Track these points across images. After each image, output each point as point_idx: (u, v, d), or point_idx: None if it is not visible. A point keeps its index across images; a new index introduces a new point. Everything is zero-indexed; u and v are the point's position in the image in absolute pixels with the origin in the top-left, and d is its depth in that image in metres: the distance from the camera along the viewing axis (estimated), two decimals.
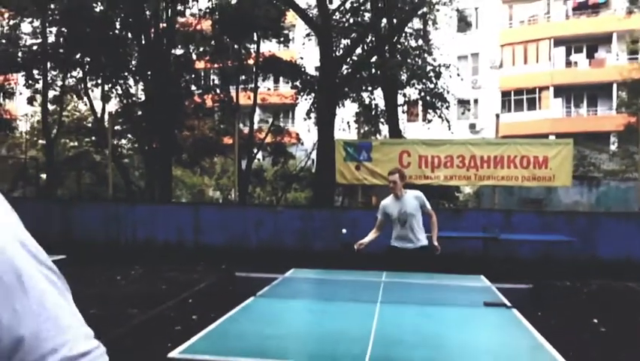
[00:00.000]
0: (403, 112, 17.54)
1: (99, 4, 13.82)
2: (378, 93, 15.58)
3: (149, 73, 13.97)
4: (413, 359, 2.28)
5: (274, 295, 3.65)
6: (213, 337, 2.57)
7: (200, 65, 15.80)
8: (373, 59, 14.21)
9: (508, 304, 3.27)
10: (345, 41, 14.83)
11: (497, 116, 11.49)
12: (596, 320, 6.00)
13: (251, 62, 15.54)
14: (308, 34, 16.81)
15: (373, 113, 15.92)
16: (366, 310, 3.17)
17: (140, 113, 15.25)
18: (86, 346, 1.00)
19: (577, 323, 5.96)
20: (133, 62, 14.80)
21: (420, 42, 16.17)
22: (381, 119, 16.07)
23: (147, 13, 13.66)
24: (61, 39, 14.26)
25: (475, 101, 30.62)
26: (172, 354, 2.22)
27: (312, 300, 3.77)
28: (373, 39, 14.30)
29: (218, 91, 15.52)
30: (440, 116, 15.42)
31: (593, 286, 8.28)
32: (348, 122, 15.67)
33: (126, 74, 14.72)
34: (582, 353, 4.38)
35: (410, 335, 2.77)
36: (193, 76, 15.31)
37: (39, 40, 15.12)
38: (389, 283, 4.12)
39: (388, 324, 2.89)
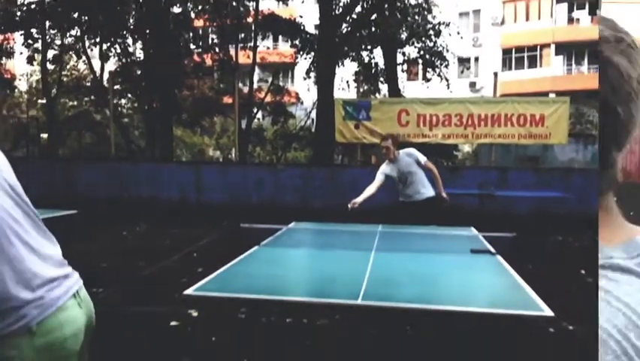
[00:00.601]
0: (403, 71, 17.50)
1: None
2: (378, 52, 15.54)
3: (147, 31, 13.89)
4: (402, 297, 2.53)
5: (277, 245, 3.90)
6: (223, 278, 2.84)
7: (198, 23, 15.67)
8: (373, 17, 14.11)
9: (493, 251, 3.51)
10: None
11: (495, 74, 11.54)
12: (583, 271, 6.26)
13: (250, 20, 15.42)
14: None
15: (373, 72, 15.91)
16: (362, 256, 3.42)
17: (139, 72, 15.23)
18: (66, 270, 1.31)
19: (564, 273, 6.22)
20: (131, 21, 14.69)
21: None
22: (381, 79, 16.08)
23: None
24: None
25: (476, 59, 30.39)
26: (187, 292, 2.47)
27: (313, 248, 4.03)
28: None
29: (217, 50, 15.46)
30: (439, 75, 15.44)
31: (585, 241, 8.52)
32: (347, 82, 15.70)
33: (124, 32, 14.64)
34: (565, 299, 4.63)
35: (401, 277, 3.03)
36: (191, 34, 15.22)
37: None
38: (385, 233, 4.37)
39: (382, 268, 3.15)
